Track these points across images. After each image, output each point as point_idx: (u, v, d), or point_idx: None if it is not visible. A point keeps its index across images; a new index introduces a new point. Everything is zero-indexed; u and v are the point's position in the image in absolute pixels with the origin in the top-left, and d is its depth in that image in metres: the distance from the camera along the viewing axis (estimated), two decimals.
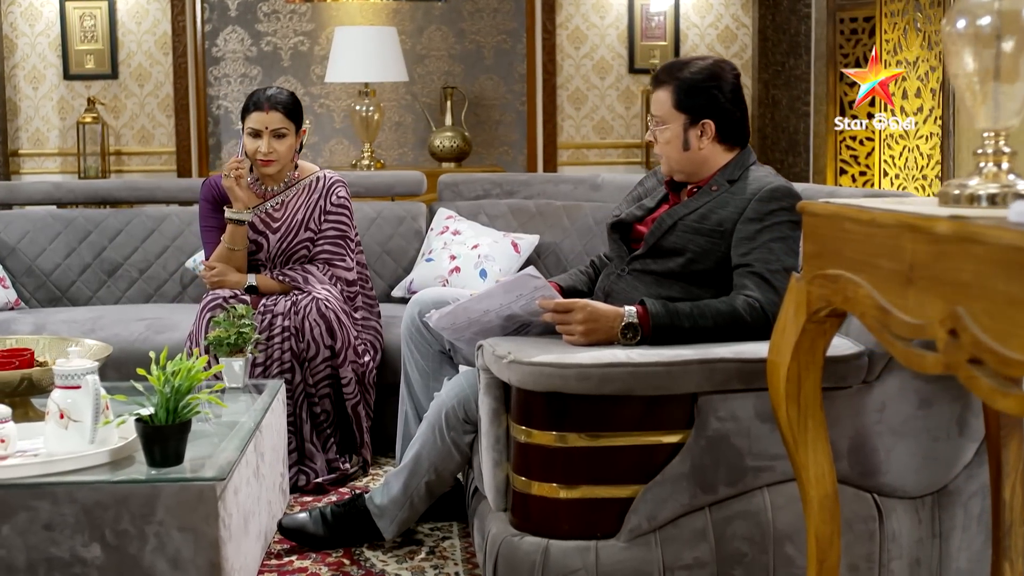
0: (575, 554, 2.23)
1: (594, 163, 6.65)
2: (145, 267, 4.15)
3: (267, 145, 3.41)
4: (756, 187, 2.55)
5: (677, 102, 2.61)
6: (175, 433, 2.26)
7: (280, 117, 3.43)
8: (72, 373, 2.31)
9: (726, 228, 2.53)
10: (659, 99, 2.65)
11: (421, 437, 2.63)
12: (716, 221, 2.54)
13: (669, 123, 2.63)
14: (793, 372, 2.07)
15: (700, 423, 2.22)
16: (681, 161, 2.65)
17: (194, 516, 2.20)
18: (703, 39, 6.64)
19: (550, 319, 2.36)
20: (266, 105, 3.43)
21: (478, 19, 6.61)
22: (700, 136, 2.61)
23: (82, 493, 2.19)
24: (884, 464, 2.24)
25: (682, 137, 2.62)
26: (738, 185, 2.59)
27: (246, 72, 6.46)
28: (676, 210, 2.61)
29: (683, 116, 2.61)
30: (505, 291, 2.39)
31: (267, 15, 6.44)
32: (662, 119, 2.65)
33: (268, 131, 3.41)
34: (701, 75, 2.60)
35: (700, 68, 2.62)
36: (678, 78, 2.61)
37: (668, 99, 2.62)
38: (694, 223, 2.56)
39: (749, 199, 2.53)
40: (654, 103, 2.68)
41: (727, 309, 2.37)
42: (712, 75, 2.61)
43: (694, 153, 2.62)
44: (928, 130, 4.44)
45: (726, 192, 2.58)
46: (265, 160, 3.43)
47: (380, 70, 5.34)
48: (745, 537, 2.24)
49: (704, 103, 2.60)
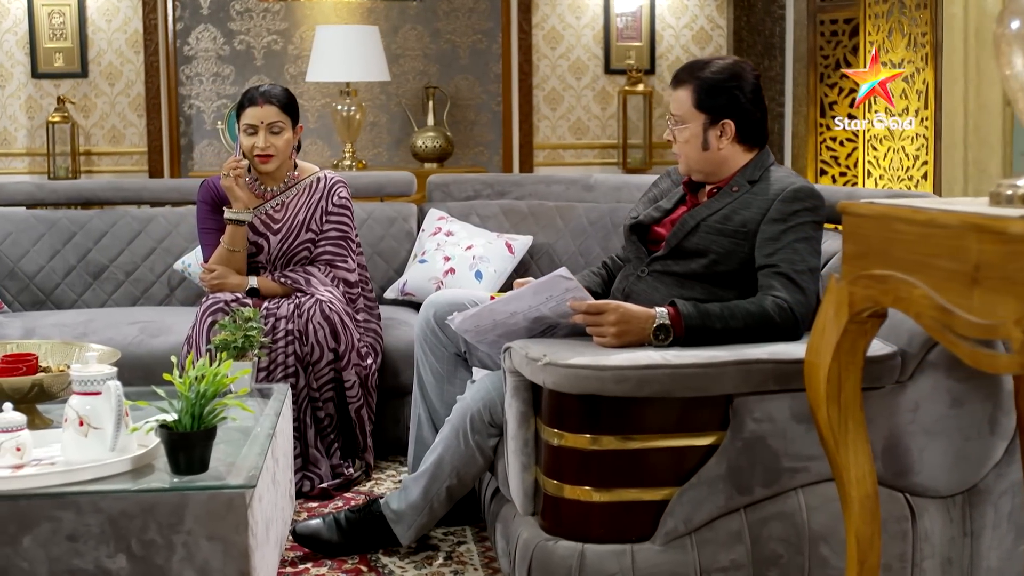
0: (611, 558, 2.21)
1: (570, 163, 6.63)
2: (132, 269, 4.06)
3: (264, 140, 3.36)
4: (779, 188, 2.54)
5: (697, 101, 2.60)
6: (201, 440, 2.20)
7: (276, 111, 3.38)
8: (92, 379, 2.25)
9: (749, 229, 2.52)
10: (679, 98, 2.64)
11: (443, 441, 2.59)
12: (739, 222, 2.53)
13: (689, 122, 2.62)
14: (834, 372, 2.06)
15: (736, 424, 2.21)
16: (700, 161, 2.64)
17: (223, 525, 2.15)
18: (678, 40, 6.65)
19: (581, 320, 2.34)
20: (260, 100, 3.38)
21: (453, 19, 6.57)
22: (720, 136, 2.60)
23: (107, 502, 2.13)
24: (917, 464, 2.24)
25: (702, 137, 2.61)
26: (759, 186, 2.58)
27: (218, 71, 6.36)
28: (698, 211, 2.60)
29: (703, 116, 2.60)
30: (535, 292, 2.36)
31: (240, 13, 6.35)
32: (682, 118, 2.63)
33: (264, 126, 3.36)
34: (722, 75, 2.59)
35: (721, 68, 2.61)
36: (699, 77, 2.60)
37: (688, 98, 2.61)
38: (717, 224, 2.55)
39: (772, 200, 2.53)
40: (674, 102, 2.66)
41: (757, 310, 2.36)
42: (733, 75, 2.60)
43: (713, 153, 2.62)
44: (915, 131, 4.48)
45: (748, 193, 2.57)
46: (263, 155, 3.37)
47: (362, 69, 5.28)
48: (781, 539, 2.23)
49: (725, 103, 2.59)
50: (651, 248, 2.69)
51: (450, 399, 2.85)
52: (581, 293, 2.33)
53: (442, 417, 2.86)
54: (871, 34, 4.77)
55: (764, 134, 2.66)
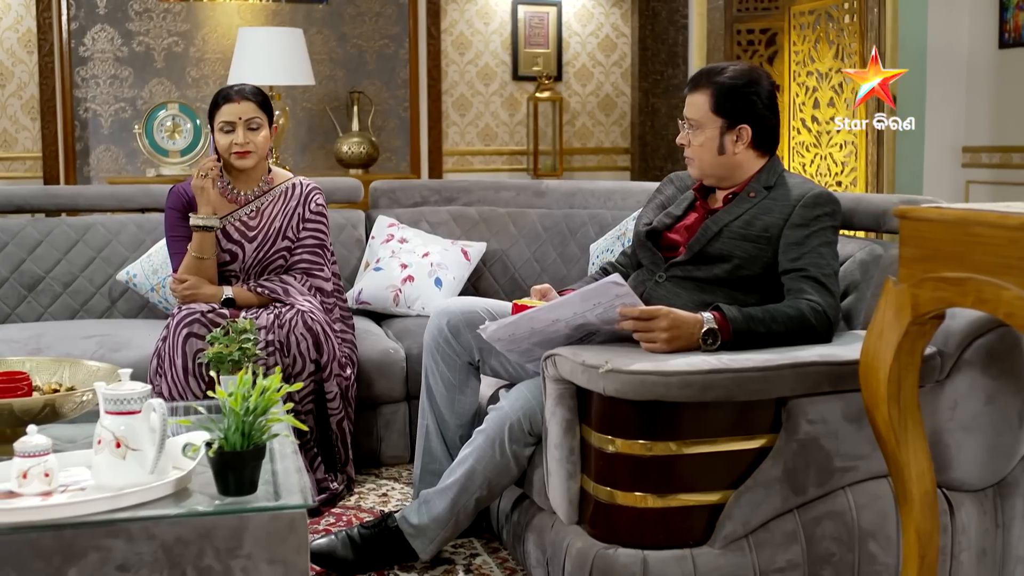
0: (673, 563, 2.21)
1: (479, 170, 6.63)
2: (69, 280, 3.84)
3: (243, 136, 3.24)
4: (799, 193, 2.59)
5: (715, 105, 2.63)
6: (251, 459, 2.10)
7: (253, 107, 3.27)
8: (128, 397, 2.11)
9: (772, 234, 2.56)
10: (695, 102, 2.66)
11: (476, 452, 2.54)
12: (762, 227, 2.57)
13: (705, 126, 2.64)
14: (894, 373, 2.11)
15: (791, 426, 2.24)
16: (715, 165, 2.66)
17: (284, 547, 2.04)
18: (584, 47, 6.73)
19: (630, 327, 2.32)
20: (237, 97, 3.26)
21: (360, 23, 6.46)
22: (736, 141, 2.64)
23: (160, 528, 2.00)
24: (955, 460, 2.32)
25: (718, 141, 2.64)
26: (777, 191, 2.62)
27: (116, 73, 6.09)
28: (720, 217, 2.62)
29: (720, 120, 2.63)
30: (582, 299, 2.33)
31: (139, 14, 6.09)
32: (698, 122, 2.65)
33: (242, 122, 3.25)
34: (740, 80, 2.63)
35: (738, 73, 2.64)
36: (716, 82, 2.63)
37: (706, 102, 2.64)
38: (740, 229, 2.58)
39: (793, 205, 2.57)
40: (689, 106, 2.68)
41: (796, 314, 2.40)
42: (751, 80, 2.64)
43: (728, 158, 2.65)
44: (842, 139, 4.64)
45: (766, 198, 2.61)
46: (242, 152, 3.25)
47: (287, 73, 5.14)
48: (833, 537, 2.27)
49: (742, 108, 2.63)
50: (665, 254, 2.71)
51: (461, 409, 2.80)
52: (632, 299, 2.32)
53: (451, 427, 2.80)
54: (796, 44, 4.92)
55: (777, 140, 2.71)
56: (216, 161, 3.26)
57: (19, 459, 2.09)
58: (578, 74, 6.73)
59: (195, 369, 3.09)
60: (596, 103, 6.78)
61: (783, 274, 2.53)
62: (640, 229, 2.77)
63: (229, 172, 3.34)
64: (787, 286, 2.51)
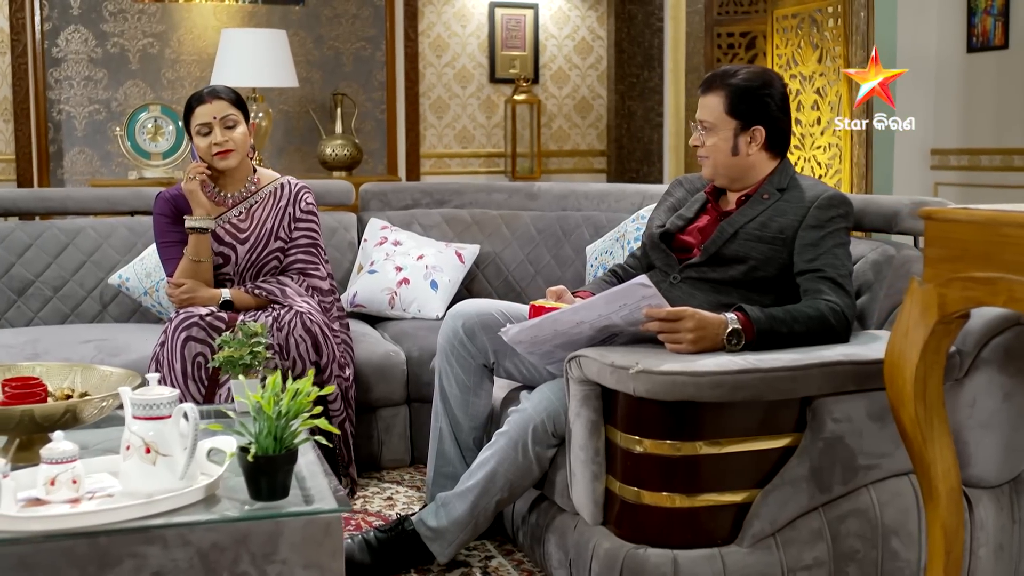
0: (703, 562, 2.23)
1: (456, 172, 6.62)
2: (60, 284, 3.79)
3: (220, 134, 3.22)
4: (813, 195, 2.62)
5: (730, 107, 2.65)
6: (284, 463, 2.08)
7: (225, 104, 3.25)
8: (157, 402, 2.09)
9: (787, 235, 2.59)
10: (709, 104, 2.68)
11: (498, 453, 2.54)
12: (777, 229, 2.60)
13: (719, 128, 2.67)
14: (920, 371, 2.14)
15: (816, 425, 2.26)
16: (728, 166, 2.69)
17: (320, 551, 2.03)
18: (561, 50, 6.74)
19: (656, 328, 2.33)
20: (208, 97, 3.25)
21: (336, 25, 6.42)
22: (749, 142, 2.66)
23: (196, 535, 1.98)
24: (973, 456, 2.36)
25: (732, 142, 2.66)
26: (790, 193, 2.65)
27: (90, 75, 6.00)
28: (735, 219, 2.64)
29: (735, 121, 2.66)
30: (608, 301, 2.34)
31: (113, 14, 6.01)
32: (712, 124, 2.68)
33: (218, 120, 3.23)
34: (754, 82, 2.65)
35: (752, 75, 2.67)
36: (730, 84, 2.65)
37: (720, 104, 2.66)
38: (755, 231, 2.60)
39: (808, 207, 2.60)
40: (703, 108, 2.70)
41: (816, 314, 2.42)
42: (765, 82, 2.66)
43: (742, 159, 2.67)
44: (826, 141, 4.69)
45: (780, 200, 2.64)
46: (222, 151, 3.23)
47: (271, 75, 5.10)
48: (858, 534, 2.30)
49: (756, 109, 2.65)
50: (679, 256, 2.72)
51: (475, 411, 2.79)
52: (658, 300, 2.33)
53: (464, 430, 2.80)
54: (779, 47, 4.97)
55: (789, 142, 2.74)
56: (203, 164, 3.23)
57: (46, 466, 2.06)
58: (554, 77, 6.75)
59: (194, 373, 3.06)
60: (572, 106, 6.80)
61: (799, 275, 2.56)
62: (653, 231, 2.79)
63: (213, 176, 3.31)
64: (804, 287, 2.53)
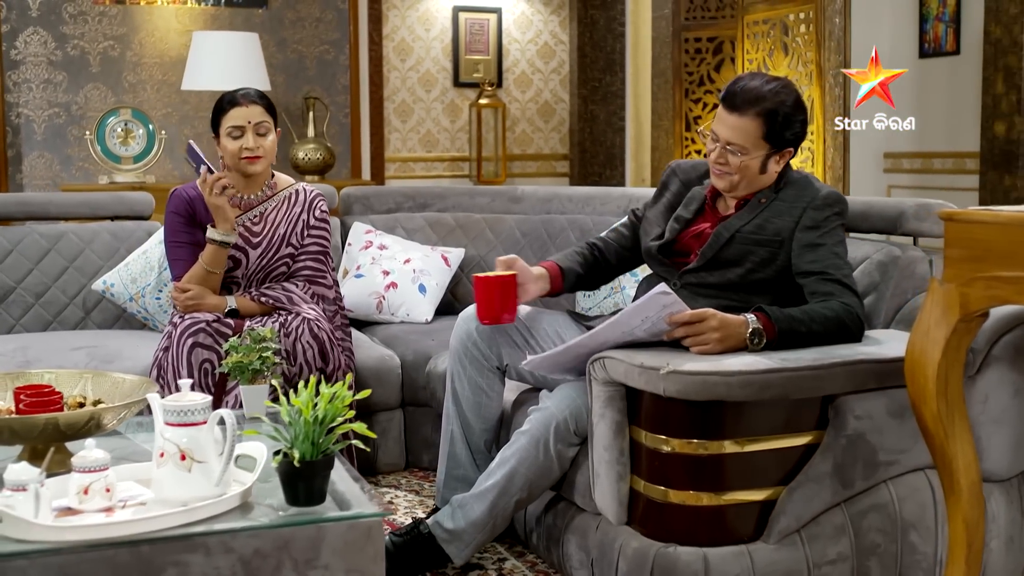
0: (732, 560, 2.26)
1: (420, 176, 6.62)
2: (42, 291, 3.71)
3: (253, 139, 3.19)
4: (808, 196, 2.64)
5: (768, 134, 2.59)
6: (322, 468, 2.07)
7: (261, 111, 3.22)
8: (192, 409, 2.07)
9: (783, 237, 2.60)
10: (744, 128, 2.59)
11: (519, 452, 2.54)
12: (773, 231, 2.61)
13: (751, 151, 2.60)
14: (942, 369, 2.19)
15: (839, 422, 2.31)
16: (752, 182, 2.66)
17: (362, 556, 2.02)
18: (524, 54, 6.77)
19: (682, 333, 2.35)
20: (244, 100, 3.21)
21: (300, 28, 6.39)
22: (778, 161, 2.65)
23: (238, 542, 1.96)
24: (985, 451, 2.42)
25: (761, 163, 2.63)
26: (785, 192, 2.66)
27: (50, 78, 5.90)
28: (731, 224, 2.66)
29: (768, 146, 2.61)
30: (630, 317, 2.35)
31: (73, 16, 5.92)
32: (743, 147, 2.60)
33: (251, 125, 3.19)
34: (788, 104, 2.60)
35: (784, 94, 2.60)
36: (768, 109, 2.57)
37: (757, 129, 2.58)
38: (752, 235, 2.62)
39: (804, 208, 2.62)
40: (735, 131, 2.60)
41: (832, 315, 2.45)
42: (797, 103, 2.62)
43: (769, 176, 2.67)
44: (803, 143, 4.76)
45: (776, 200, 2.66)
46: (252, 156, 3.19)
47: (243, 78, 5.05)
48: (879, 529, 2.35)
49: (792, 134, 2.62)
50: (676, 260, 2.75)
51: (487, 413, 2.80)
52: (680, 306, 2.34)
53: (475, 432, 2.80)
54: (749, 52, 5.05)
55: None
56: (223, 174, 3.17)
57: (78, 474, 2.03)
58: (517, 81, 6.78)
59: (201, 379, 3.03)
60: (535, 110, 6.83)
61: (801, 276, 2.58)
62: (650, 244, 2.79)
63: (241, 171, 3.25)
64: (811, 288, 2.55)
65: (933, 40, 6.54)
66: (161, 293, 3.66)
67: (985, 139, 5.78)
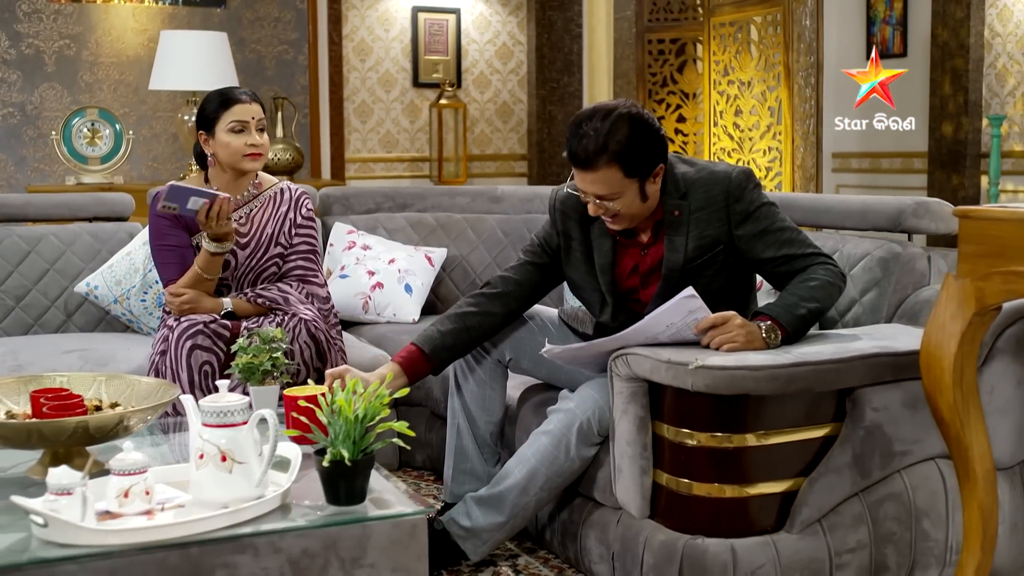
0: (758, 550, 2.31)
1: (381, 176, 6.61)
2: (22, 294, 3.64)
3: (257, 136, 3.17)
4: (718, 191, 2.56)
5: (628, 171, 2.50)
6: (363, 468, 2.08)
7: (260, 109, 3.21)
8: (231, 409, 2.06)
9: (724, 242, 2.58)
10: (606, 179, 2.49)
11: (540, 453, 2.57)
12: (711, 242, 2.57)
13: (624, 192, 2.52)
14: (958, 361, 2.27)
15: (857, 414, 2.37)
16: (642, 209, 2.59)
17: (406, 554, 2.04)
18: (483, 55, 6.79)
19: (710, 336, 2.39)
20: (246, 97, 3.19)
21: (258, 28, 6.34)
22: (654, 181, 2.57)
23: (286, 542, 1.97)
24: (992, 440, 2.50)
25: (639, 194, 2.55)
26: (694, 197, 2.58)
27: (4, 77, 5.78)
28: (670, 257, 2.59)
29: (635, 179, 2.52)
30: (655, 322, 2.39)
31: (27, 15, 5.80)
32: (613, 194, 2.52)
33: (254, 122, 3.17)
34: (634, 137, 2.49)
35: (624, 127, 2.49)
36: (615, 152, 2.47)
37: (617, 175, 2.49)
38: (697, 258, 2.58)
39: (723, 206, 2.56)
40: (599, 184, 2.50)
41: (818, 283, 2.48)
42: (638, 126, 2.50)
43: (652, 199, 2.59)
44: (766, 144, 4.87)
45: (693, 213, 2.58)
46: (255, 153, 3.17)
47: (212, 78, 4.99)
48: (894, 517, 2.42)
49: (651, 155, 2.53)
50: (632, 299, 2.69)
51: (491, 405, 2.82)
52: (704, 312, 2.38)
53: (480, 424, 2.82)
54: (716, 53, 5.13)
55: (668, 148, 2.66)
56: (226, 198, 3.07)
57: (117, 477, 2.02)
58: (476, 81, 6.80)
59: (201, 382, 3.00)
60: (494, 110, 6.86)
61: (764, 263, 2.57)
62: (604, 319, 2.72)
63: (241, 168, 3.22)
64: (781, 271, 2.55)
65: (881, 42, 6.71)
66: (146, 295, 3.61)
67: (933, 139, 5.95)
